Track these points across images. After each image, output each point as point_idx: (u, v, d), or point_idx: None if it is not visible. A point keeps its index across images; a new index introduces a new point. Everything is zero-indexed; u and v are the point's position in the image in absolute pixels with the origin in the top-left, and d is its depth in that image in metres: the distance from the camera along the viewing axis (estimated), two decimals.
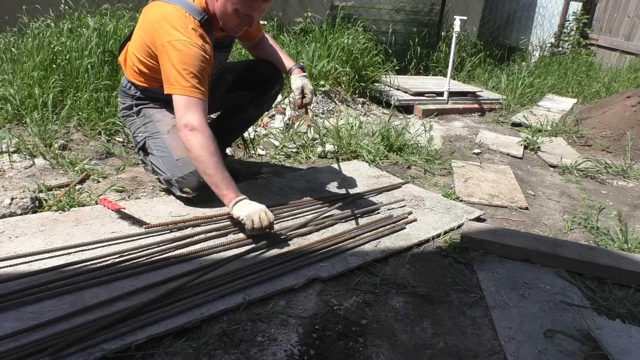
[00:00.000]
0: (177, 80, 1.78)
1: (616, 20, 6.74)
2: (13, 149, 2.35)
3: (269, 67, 2.31)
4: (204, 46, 1.82)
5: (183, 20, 1.81)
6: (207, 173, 1.77)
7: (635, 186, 3.07)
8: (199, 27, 1.84)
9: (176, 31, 1.79)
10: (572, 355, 1.44)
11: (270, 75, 2.31)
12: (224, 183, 1.77)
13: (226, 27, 1.91)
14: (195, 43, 1.78)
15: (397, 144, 3.09)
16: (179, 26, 1.79)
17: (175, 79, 1.78)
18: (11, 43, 3.09)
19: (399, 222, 2.08)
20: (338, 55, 4.02)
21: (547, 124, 4.13)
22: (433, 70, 5.61)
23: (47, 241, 1.66)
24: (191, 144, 1.76)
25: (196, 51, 1.78)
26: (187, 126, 1.76)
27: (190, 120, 1.76)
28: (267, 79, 2.32)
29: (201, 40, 1.81)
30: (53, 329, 1.26)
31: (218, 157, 1.77)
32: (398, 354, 1.39)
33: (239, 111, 2.39)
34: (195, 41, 1.79)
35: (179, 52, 1.77)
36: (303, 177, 2.51)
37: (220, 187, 1.77)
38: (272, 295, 1.54)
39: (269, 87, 2.34)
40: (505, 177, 2.89)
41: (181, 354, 1.28)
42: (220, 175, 1.76)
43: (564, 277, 1.85)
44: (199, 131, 1.75)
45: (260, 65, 2.32)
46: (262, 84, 2.32)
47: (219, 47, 2.03)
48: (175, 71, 1.77)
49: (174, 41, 1.77)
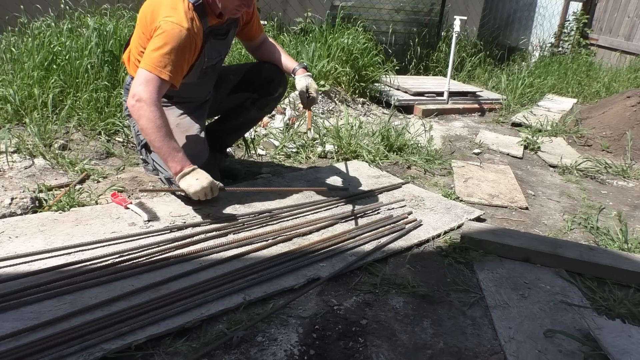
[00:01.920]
0: (149, 56, 1.79)
1: (616, 20, 6.74)
2: (13, 149, 2.35)
3: (273, 69, 2.31)
4: (191, 30, 1.81)
5: (174, 2, 1.83)
6: (154, 145, 1.78)
7: (635, 186, 3.07)
8: (190, 10, 1.84)
9: (166, 11, 1.81)
10: (572, 355, 1.44)
11: (274, 77, 2.31)
12: (170, 156, 1.77)
13: (225, 9, 1.90)
14: (179, 23, 1.78)
15: (397, 144, 3.09)
16: (169, 6, 1.82)
17: (147, 55, 1.79)
18: (11, 43, 3.09)
19: (399, 222, 2.08)
20: (338, 55, 4.02)
21: (547, 124, 4.13)
22: (433, 70, 5.61)
23: (47, 241, 1.66)
24: (138, 115, 1.75)
25: (178, 32, 1.78)
26: (135, 96, 1.75)
27: (139, 92, 1.75)
28: (270, 80, 2.32)
29: (189, 23, 1.81)
30: (53, 329, 1.26)
31: (165, 130, 1.76)
32: (398, 354, 1.39)
33: (241, 112, 2.39)
34: (180, 22, 1.79)
35: (162, 32, 1.78)
36: (303, 177, 2.51)
37: (166, 159, 1.78)
38: (272, 295, 1.54)
39: (272, 89, 2.34)
40: (505, 177, 2.89)
41: (181, 354, 1.28)
42: (167, 148, 1.76)
43: (564, 277, 1.85)
44: (145, 103, 1.74)
45: (264, 67, 2.32)
46: (265, 85, 2.32)
47: (214, 35, 2.02)
48: (152, 49, 1.79)
49: (161, 20, 1.79)
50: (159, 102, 1.77)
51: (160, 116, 1.75)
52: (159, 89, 1.78)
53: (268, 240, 1.83)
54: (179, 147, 1.81)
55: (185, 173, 1.78)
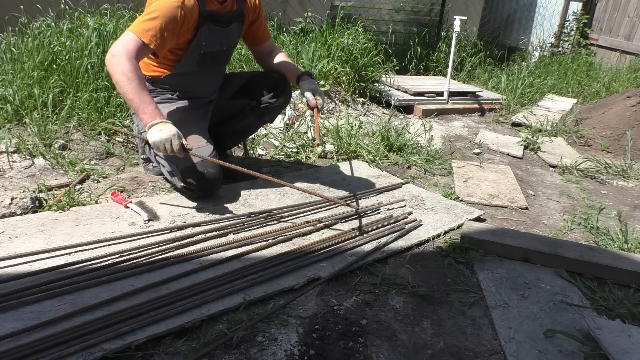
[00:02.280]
0: (136, 22, 1.84)
1: (616, 20, 6.74)
2: (13, 149, 2.35)
3: (277, 78, 2.30)
4: (182, 4, 1.84)
5: None
6: (127, 97, 1.79)
7: (635, 186, 3.07)
8: None
9: None
10: (572, 355, 1.44)
11: (276, 85, 2.31)
12: (141, 108, 1.78)
13: None
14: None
15: (397, 144, 3.09)
16: None
17: (135, 21, 1.84)
18: (11, 43, 3.09)
19: (399, 222, 2.08)
20: (338, 55, 4.02)
21: (547, 124, 4.13)
22: (433, 70, 5.61)
23: (47, 241, 1.66)
24: (112, 70, 1.77)
25: (168, 3, 1.82)
26: (112, 52, 1.78)
27: (117, 49, 1.78)
28: (272, 89, 2.31)
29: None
30: (53, 329, 1.27)
31: (137, 82, 1.77)
32: (398, 354, 1.39)
33: (239, 118, 2.38)
34: None
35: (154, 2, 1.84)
36: (303, 177, 2.51)
37: (138, 111, 1.80)
38: (272, 295, 1.54)
39: (272, 97, 2.32)
40: (505, 177, 2.89)
41: (181, 354, 1.28)
42: (139, 100, 1.77)
43: (564, 277, 1.85)
44: (121, 57, 1.75)
45: (268, 75, 2.33)
46: (267, 93, 2.31)
47: (213, 20, 2.02)
48: (141, 16, 1.84)
49: None
50: (136, 60, 1.79)
51: (135, 70, 1.77)
52: (138, 49, 1.80)
53: (268, 240, 1.83)
54: (151, 100, 1.81)
55: (153, 124, 1.78)
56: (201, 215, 1.97)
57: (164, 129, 1.76)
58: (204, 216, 1.97)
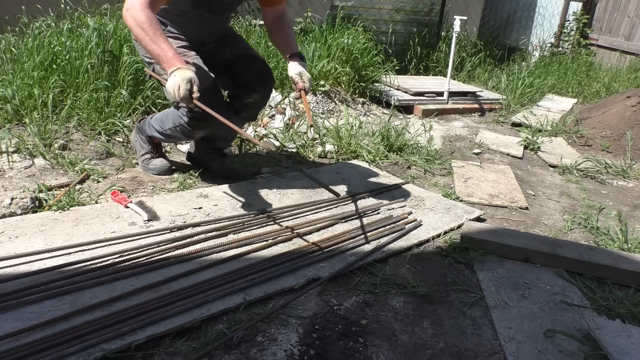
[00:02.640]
0: None
1: (616, 20, 6.74)
2: (13, 149, 2.35)
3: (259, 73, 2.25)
4: None
5: None
6: (146, 49, 1.82)
7: (635, 186, 3.07)
8: None
9: None
10: (572, 355, 1.44)
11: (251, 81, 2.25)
12: (160, 56, 1.80)
13: None
14: None
15: (397, 144, 3.09)
16: None
17: None
18: (11, 43, 3.09)
19: (399, 222, 2.08)
20: (338, 55, 4.02)
21: (547, 124, 4.13)
22: (433, 70, 5.61)
23: (47, 241, 1.66)
24: (129, 24, 1.79)
25: None
26: (126, 5, 1.79)
27: (131, 1, 1.78)
28: (245, 85, 2.26)
29: None
30: (53, 329, 1.27)
31: (153, 32, 1.77)
32: (398, 354, 1.39)
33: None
34: None
35: None
36: (303, 177, 2.51)
37: (158, 59, 1.82)
38: (272, 295, 1.54)
39: (244, 93, 2.28)
40: (505, 177, 2.89)
41: (181, 354, 1.28)
42: (157, 49, 1.79)
43: (564, 277, 1.85)
44: (134, 9, 1.76)
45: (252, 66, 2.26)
46: (241, 86, 2.27)
47: None
48: None
49: None
50: (150, 9, 1.79)
51: (149, 19, 1.77)
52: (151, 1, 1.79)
53: (268, 240, 1.83)
54: (169, 46, 1.81)
55: (172, 71, 1.79)
56: (201, 215, 1.98)
57: (177, 74, 1.78)
58: (204, 216, 1.97)
